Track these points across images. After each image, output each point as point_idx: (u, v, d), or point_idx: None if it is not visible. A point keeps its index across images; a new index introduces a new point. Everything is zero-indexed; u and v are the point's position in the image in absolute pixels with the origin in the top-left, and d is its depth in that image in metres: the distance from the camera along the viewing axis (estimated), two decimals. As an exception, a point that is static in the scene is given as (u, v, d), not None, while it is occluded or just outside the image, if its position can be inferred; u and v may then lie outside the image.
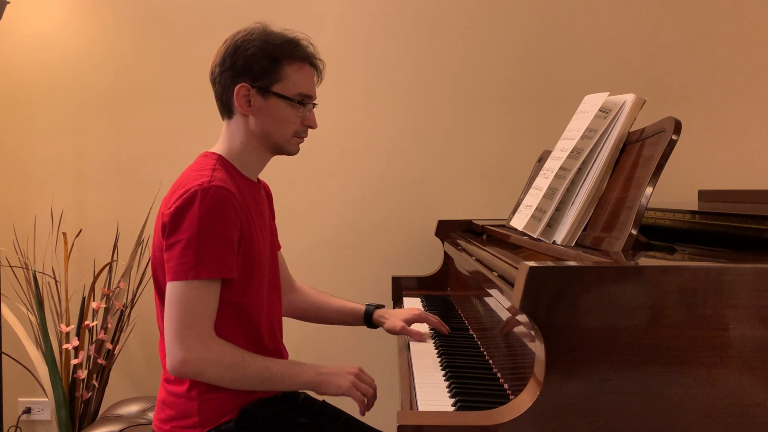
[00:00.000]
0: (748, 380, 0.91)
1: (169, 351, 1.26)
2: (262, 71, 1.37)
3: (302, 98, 1.41)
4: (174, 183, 1.36)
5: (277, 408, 1.38)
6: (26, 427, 2.60)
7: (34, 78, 2.54)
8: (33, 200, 2.55)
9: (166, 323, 1.27)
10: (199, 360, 1.25)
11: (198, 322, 1.25)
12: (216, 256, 1.26)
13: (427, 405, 1.15)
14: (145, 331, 2.56)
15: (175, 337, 1.25)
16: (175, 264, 1.25)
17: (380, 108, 2.50)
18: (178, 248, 1.25)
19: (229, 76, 1.38)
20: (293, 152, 1.46)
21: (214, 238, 1.25)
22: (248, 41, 1.37)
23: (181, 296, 1.25)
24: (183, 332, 1.25)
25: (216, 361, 1.27)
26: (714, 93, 2.43)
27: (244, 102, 1.38)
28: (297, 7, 2.49)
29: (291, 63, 1.39)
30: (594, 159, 1.34)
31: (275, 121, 1.40)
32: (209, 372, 1.27)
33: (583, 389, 0.90)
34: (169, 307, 1.26)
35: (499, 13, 2.47)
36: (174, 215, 1.26)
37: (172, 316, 1.26)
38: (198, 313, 1.26)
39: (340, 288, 2.47)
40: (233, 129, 1.42)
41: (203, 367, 1.26)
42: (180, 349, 1.25)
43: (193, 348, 1.25)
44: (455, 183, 2.51)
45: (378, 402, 1.42)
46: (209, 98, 2.64)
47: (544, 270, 0.91)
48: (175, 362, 1.25)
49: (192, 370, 1.26)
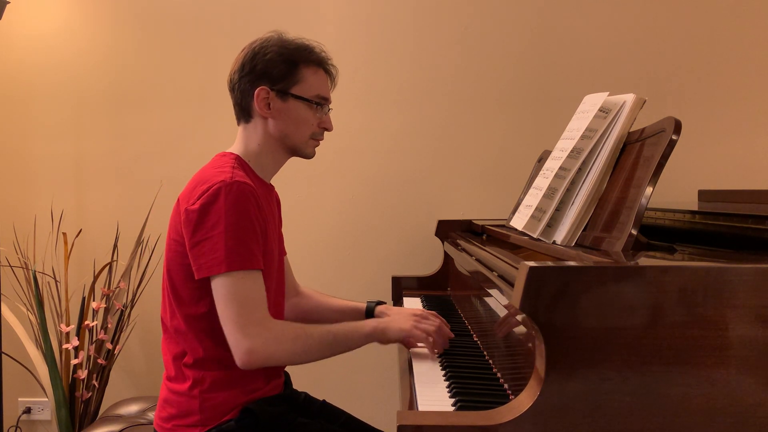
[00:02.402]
0: (748, 380, 0.91)
1: (234, 346, 1.26)
2: (281, 74, 1.41)
3: (319, 100, 1.45)
4: (191, 180, 1.37)
5: (277, 407, 1.39)
6: (26, 427, 2.60)
7: (34, 78, 2.54)
8: (33, 200, 2.55)
9: (223, 320, 1.27)
10: (266, 344, 1.26)
11: (253, 310, 1.27)
12: (247, 247, 1.27)
13: (427, 405, 1.15)
14: (145, 331, 2.56)
15: (235, 329, 1.25)
16: (209, 259, 1.26)
17: (380, 108, 2.50)
18: (209, 244, 1.26)
19: (249, 80, 1.42)
20: (310, 155, 1.49)
21: (244, 230, 1.27)
22: (266, 47, 1.42)
23: (230, 289, 1.26)
24: (241, 323, 1.25)
25: (281, 338, 1.28)
26: (714, 93, 2.43)
27: (263, 105, 1.41)
28: (297, 7, 2.49)
29: (308, 66, 1.44)
30: (594, 159, 1.34)
31: (294, 123, 1.43)
32: (279, 352, 1.28)
33: (583, 389, 0.90)
34: (221, 303, 1.27)
35: (498, 12, 2.47)
36: (200, 211, 1.27)
37: (227, 312, 1.26)
38: (250, 300, 1.27)
39: (340, 288, 2.47)
40: (251, 131, 1.45)
41: (271, 349, 1.27)
42: (244, 339, 1.25)
43: (256, 335, 1.25)
44: (455, 183, 2.51)
45: (378, 402, 1.42)
46: (209, 98, 2.64)
47: (544, 270, 0.91)
48: (243, 354, 1.25)
49: (262, 356, 1.26)
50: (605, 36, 2.45)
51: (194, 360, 1.34)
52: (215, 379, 1.34)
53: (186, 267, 1.33)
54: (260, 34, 1.47)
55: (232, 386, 1.34)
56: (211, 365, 1.34)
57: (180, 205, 1.35)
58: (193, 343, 1.35)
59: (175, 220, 1.37)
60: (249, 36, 1.49)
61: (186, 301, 1.35)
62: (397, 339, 1.42)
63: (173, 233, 1.36)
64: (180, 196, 1.37)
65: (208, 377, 1.34)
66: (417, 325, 1.41)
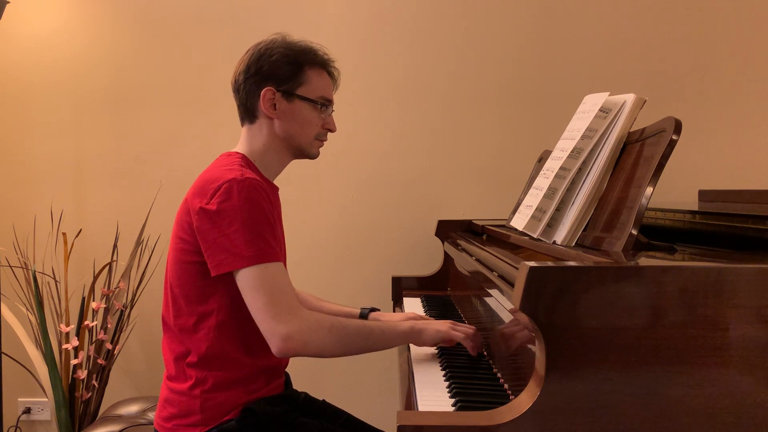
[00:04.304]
0: (748, 380, 0.91)
1: (269, 334, 1.25)
2: (287, 76, 1.43)
3: (323, 101, 1.47)
4: (199, 179, 1.37)
5: (278, 407, 1.39)
6: (26, 427, 2.60)
7: (34, 78, 2.54)
8: (33, 200, 2.55)
9: (254, 313, 1.27)
10: (300, 330, 1.25)
11: (283, 298, 1.26)
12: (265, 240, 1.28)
13: (427, 405, 1.15)
14: (145, 331, 2.56)
15: (269, 317, 1.25)
16: (229, 255, 1.26)
17: (380, 108, 2.50)
18: (227, 240, 1.26)
19: (254, 81, 1.43)
20: (314, 155, 1.51)
21: (260, 223, 1.28)
22: (271, 49, 1.43)
23: (256, 280, 1.26)
24: (273, 312, 1.25)
25: (316, 326, 1.28)
26: (714, 93, 2.43)
27: (269, 105, 1.42)
28: (297, 7, 2.49)
29: (312, 68, 1.46)
30: (594, 159, 1.34)
31: (299, 124, 1.45)
32: (315, 339, 1.27)
33: (584, 389, 0.90)
34: (249, 295, 1.27)
35: (498, 12, 2.47)
36: (216, 210, 1.27)
37: (257, 302, 1.26)
38: (278, 289, 1.27)
39: (340, 288, 2.47)
40: (255, 132, 1.46)
41: (307, 336, 1.26)
42: (278, 325, 1.24)
43: (290, 321, 1.25)
44: (455, 183, 2.51)
45: (378, 402, 1.42)
46: (209, 98, 2.64)
47: (544, 270, 0.91)
48: (279, 340, 1.24)
49: (298, 343, 1.25)
50: (605, 36, 2.46)
51: (198, 359, 1.34)
52: (217, 379, 1.34)
53: (194, 265, 1.33)
54: (260, 34, 1.47)
55: (233, 386, 1.34)
56: (214, 365, 1.34)
57: (188, 203, 1.34)
58: (198, 341, 1.34)
59: (183, 219, 1.36)
60: (249, 36, 1.49)
61: (193, 299, 1.35)
62: (432, 341, 1.42)
63: (180, 231, 1.36)
64: (188, 195, 1.37)
65: (210, 377, 1.34)
66: (454, 327, 1.43)
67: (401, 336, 1.40)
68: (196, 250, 1.32)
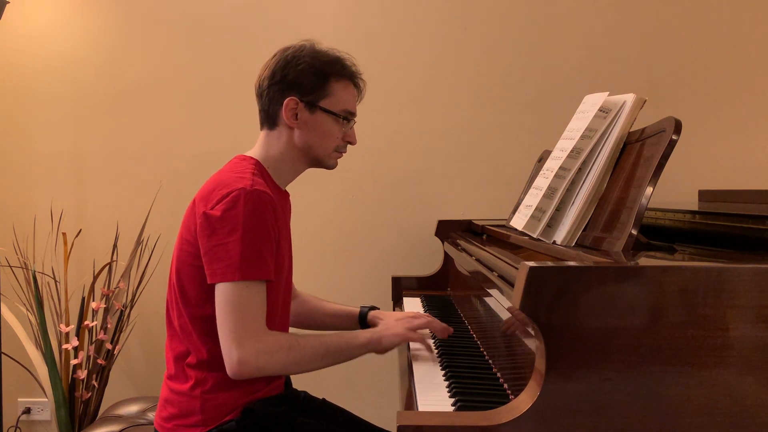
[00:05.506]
0: (748, 380, 0.91)
1: (226, 357, 1.26)
2: (312, 86, 1.41)
3: (347, 115, 1.46)
4: (209, 182, 1.37)
5: (278, 407, 1.39)
6: (26, 427, 2.60)
7: (34, 78, 2.54)
8: (33, 200, 2.55)
9: (220, 326, 1.27)
10: (257, 355, 1.26)
11: (251, 321, 1.26)
12: (261, 257, 1.28)
13: (427, 405, 1.15)
14: (145, 331, 2.56)
15: (230, 338, 1.25)
16: (222, 265, 1.26)
17: (380, 108, 2.49)
18: (224, 250, 1.26)
19: (278, 89, 1.41)
20: (332, 166, 1.50)
21: (260, 240, 1.28)
22: (299, 57, 1.41)
23: (231, 297, 1.26)
24: (237, 333, 1.25)
25: (273, 349, 1.28)
26: (714, 93, 2.43)
27: (291, 115, 1.41)
28: (297, 7, 2.49)
29: (338, 80, 1.44)
30: (594, 159, 1.34)
31: (319, 135, 1.44)
32: (271, 362, 1.28)
33: (583, 389, 0.90)
34: (220, 309, 1.27)
35: (498, 13, 2.47)
36: (218, 217, 1.27)
37: (225, 318, 1.26)
38: (250, 312, 1.26)
39: (340, 288, 2.47)
40: (273, 139, 1.45)
41: (263, 361, 1.26)
42: (236, 349, 1.25)
43: (249, 345, 1.25)
44: (455, 183, 2.50)
45: (378, 402, 1.42)
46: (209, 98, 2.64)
47: (544, 270, 0.91)
48: (234, 364, 1.25)
49: (252, 368, 1.26)
50: (605, 36, 2.46)
51: (197, 361, 1.35)
52: (217, 380, 1.34)
53: (196, 268, 1.33)
54: (260, 33, 1.47)
55: (233, 387, 1.34)
56: (213, 366, 1.34)
57: (196, 206, 1.34)
58: (197, 343, 1.35)
59: (189, 221, 1.36)
60: (249, 36, 1.49)
61: (193, 302, 1.35)
62: (393, 346, 1.43)
63: (186, 233, 1.36)
64: (196, 197, 1.37)
65: (210, 378, 1.34)
66: (410, 327, 1.43)
67: (360, 348, 1.39)
68: (199, 254, 1.32)
